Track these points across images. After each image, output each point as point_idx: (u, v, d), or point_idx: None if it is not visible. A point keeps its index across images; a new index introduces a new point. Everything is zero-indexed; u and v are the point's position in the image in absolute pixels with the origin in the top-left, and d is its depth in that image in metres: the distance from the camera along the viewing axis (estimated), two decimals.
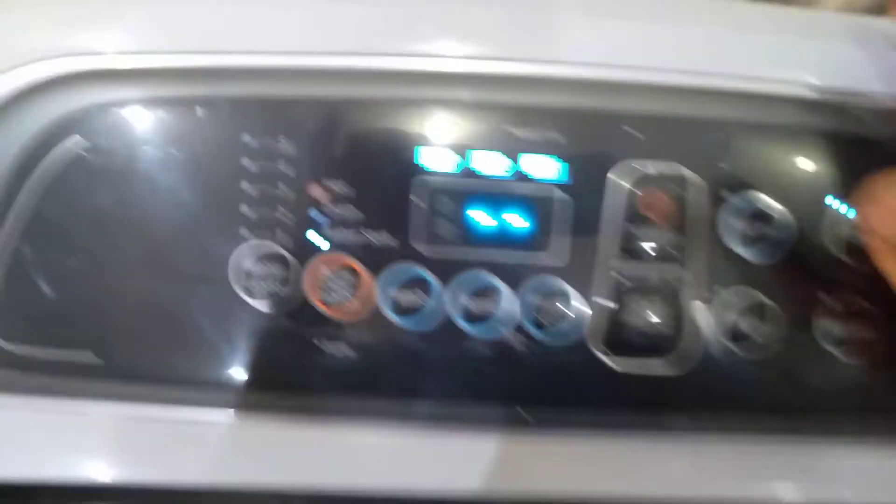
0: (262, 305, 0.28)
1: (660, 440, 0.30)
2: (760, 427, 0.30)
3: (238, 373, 0.29)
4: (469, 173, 0.28)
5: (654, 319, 0.29)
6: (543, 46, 0.28)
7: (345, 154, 0.28)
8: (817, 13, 0.32)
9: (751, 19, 0.30)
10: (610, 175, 0.28)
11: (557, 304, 0.29)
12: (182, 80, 0.27)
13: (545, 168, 0.28)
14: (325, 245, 0.28)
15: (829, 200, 0.29)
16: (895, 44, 0.29)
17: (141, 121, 0.27)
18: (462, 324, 0.29)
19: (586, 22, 0.28)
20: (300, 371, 0.29)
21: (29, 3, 0.28)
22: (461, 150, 0.28)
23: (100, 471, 0.29)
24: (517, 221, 0.29)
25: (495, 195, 0.28)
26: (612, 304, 0.29)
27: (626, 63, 0.28)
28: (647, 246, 0.29)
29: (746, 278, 0.29)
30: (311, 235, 0.28)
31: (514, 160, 0.28)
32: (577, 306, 0.29)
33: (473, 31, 0.28)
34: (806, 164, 0.29)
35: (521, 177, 0.28)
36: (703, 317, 0.29)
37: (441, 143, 0.28)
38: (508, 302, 0.29)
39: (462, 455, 0.29)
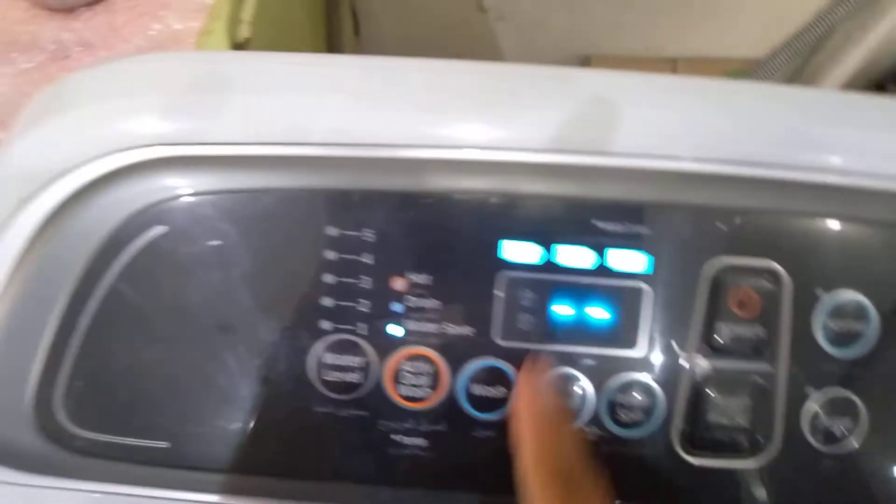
0: (338, 397, 0.28)
1: None
2: None
3: (314, 465, 0.28)
4: (553, 267, 0.28)
5: (739, 416, 0.28)
6: (631, 139, 0.27)
7: (428, 246, 0.27)
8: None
9: (841, 110, 0.29)
10: (699, 269, 0.28)
11: (638, 398, 0.28)
12: (268, 170, 0.27)
13: (631, 262, 0.28)
14: (405, 338, 0.28)
15: None
16: None
17: (224, 211, 0.27)
18: None
19: (675, 115, 0.28)
20: (375, 463, 0.28)
21: (113, 92, 0.27)
22: (546, 243, 0.27)
23: None
24: (601, 315, 0.28)
25: (579, 289, 0.28)
26: (695, 400, 0.28)
27: (718, 156, 0.27)
28: (734, 342, 0.28)
29: (837, 376, 0.28)
30: (392, 328, 0.28)
31: (600, 254, 0.28)
32: (659, 401, 0.28)
33: (561, 123, 0.27)
34: None
35: (606, 271, 0.28)
36: (790, 414, 0.28)
37: (525, 236, 0.27)
38: (587, 395, 0.28)
39: None
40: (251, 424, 0.28)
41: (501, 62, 0.29)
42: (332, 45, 0.82)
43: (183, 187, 0.27)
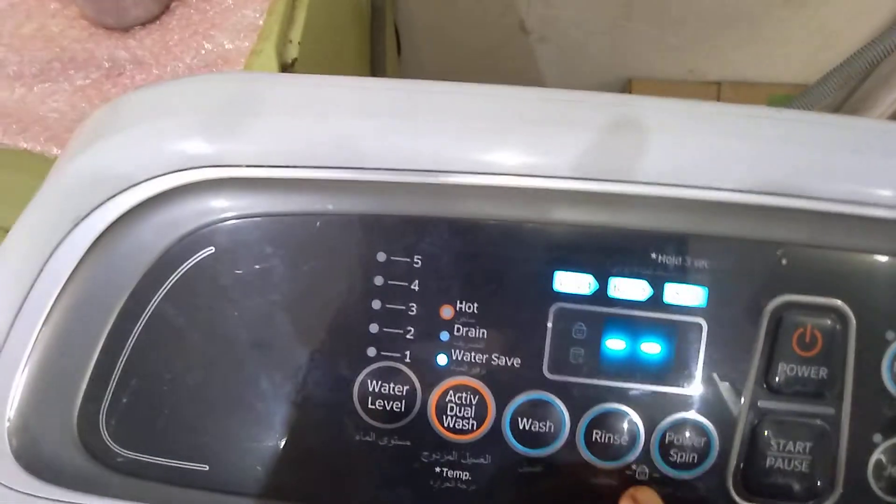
0: (381, 426, 0.27)
1: None
2: None
3: (352, 494, 0.28)
4: (608, 301, 0.27)
5: (798, 460, 0.27)
6: (692, 170, 0.27)
7: (479, 276, 0.27)
8: None
9: None
10: (761, 307, 0.27)
11: (691, 438, 0.27)
12: (317, 194, 0.27)
13: (689, 297, 0.27)
14: (452, 368, 0.27)
15: None
16: None
17: (272, 234, 0.27)
18: (586, 454, 0.27)
19: (739, 145, 0.27)
20: (415, 495, 0.28)
21: (167, 112, 0.27)
22: (601, 276, 0.27)
23: None
24: (655, 351, 0.27)
25: (634, 324, 0.27)
26: (751, 442, 0.27)
27: (784, 189, 0.26)
28: (796, 384, 0.27)
29: None
30: (440, 358, 0.27)
31: (657, 288, 0.27)
32: (714, 442, 0.27)
33: (621, 153, 0.27)
34: None
35: (663, 306, 0.27)
36: (854, 461, 0.27)
37: (580, 268, 0.27)
38: (639, 433, 0.27)
39: None
40: (291, 450, 0.28)
41: (543, 84, 0.29)
42: (376, 64, 0.83)
43: (231, 209, 0.27)
